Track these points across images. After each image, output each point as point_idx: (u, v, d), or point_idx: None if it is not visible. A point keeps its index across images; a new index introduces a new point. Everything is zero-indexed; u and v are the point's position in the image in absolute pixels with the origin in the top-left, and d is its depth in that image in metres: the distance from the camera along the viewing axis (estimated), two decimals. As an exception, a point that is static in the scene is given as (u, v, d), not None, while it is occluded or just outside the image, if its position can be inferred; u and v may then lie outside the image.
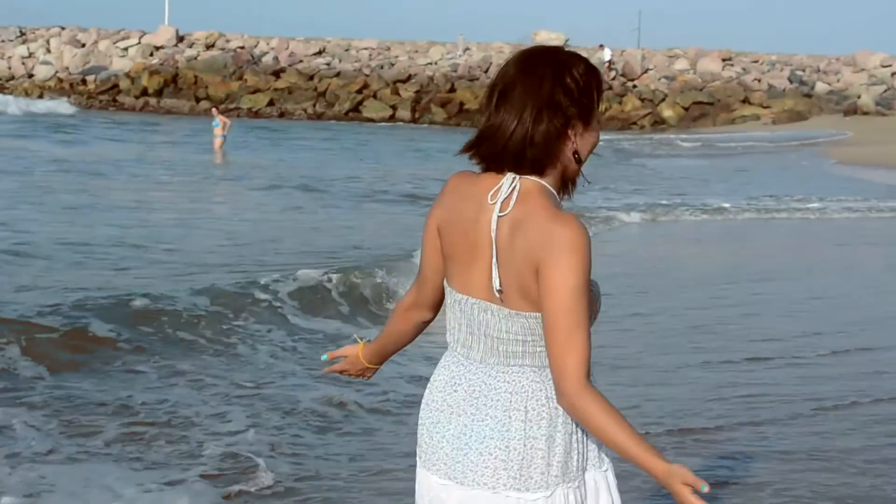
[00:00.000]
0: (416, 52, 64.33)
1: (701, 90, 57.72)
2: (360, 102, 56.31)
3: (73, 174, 24.26)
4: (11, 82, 61.99)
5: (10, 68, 63.33)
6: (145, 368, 8.70)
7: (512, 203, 2.92)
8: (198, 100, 56.17)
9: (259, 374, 8.68)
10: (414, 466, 3.17)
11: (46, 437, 7.00)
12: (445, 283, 3.10)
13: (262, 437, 7.13)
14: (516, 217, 2.91)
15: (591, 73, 2.99)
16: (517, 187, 2.92)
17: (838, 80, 61.91)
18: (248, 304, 10.65)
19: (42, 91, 59.22)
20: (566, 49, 3.03)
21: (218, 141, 32.67)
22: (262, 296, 10.88)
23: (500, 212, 2.92)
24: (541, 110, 2.90)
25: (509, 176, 2.94)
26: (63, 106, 51.36)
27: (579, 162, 2.97)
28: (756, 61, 65.76)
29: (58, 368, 8.53)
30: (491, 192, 2.94)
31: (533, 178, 2.93)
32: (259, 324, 10.22)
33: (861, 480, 6.42)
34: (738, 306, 11.90)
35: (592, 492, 3.05)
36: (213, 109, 35.72)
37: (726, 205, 22.09)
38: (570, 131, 2.93)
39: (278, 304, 10.79)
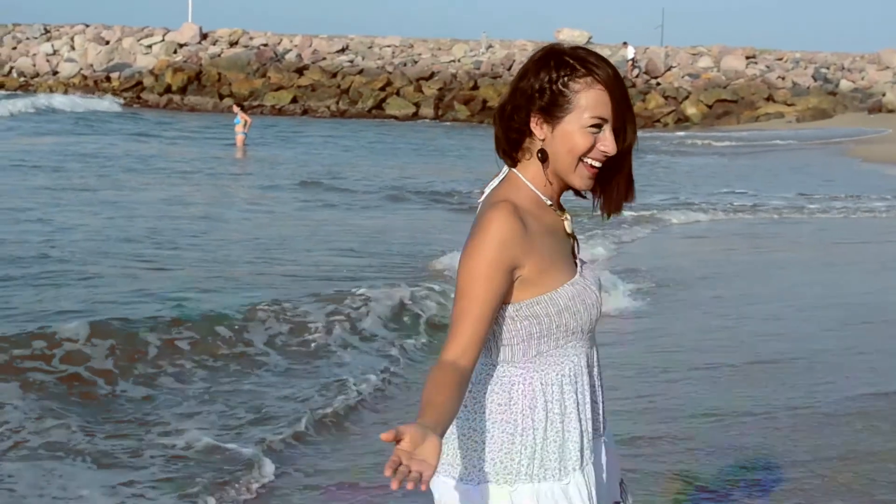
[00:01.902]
0: (440, 49, 64.31)
1: (725, 88, 57.54)
2: (384, 100, 56.34)
3: (111, 170, 24.53)
4: (36, 79, 62.28)
5: (34, 65, 63.62)
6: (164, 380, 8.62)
7: (487, 190, 3.08)
8: (221, 97, 56.30)
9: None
10: None
11: (13, 434, 7.05)
12: None
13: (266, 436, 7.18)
14: (482, 203, 3.07)
15: (559, 77, 2.96)
16: (502, 177, 3.08)
17: (863, 78, 61.63)
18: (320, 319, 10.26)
19: (66, 88, 59.49)
20: (566, 49, 3.01)
21: (240, 138, 32.83)
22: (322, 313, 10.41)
23: (481, 199, 3.09)
24: (503, 108, 3.05)
25: (504, 168, 3.09)
26: (111, 104, 51.72)
27: (543, 161, 3.01)
28: (780, 59, 65.53)
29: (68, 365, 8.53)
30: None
31: (516, 169, 3.06)
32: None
33: None
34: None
35: (549, 502, 2.99)
36: (235, 107, 35.88)
37: (749, 203, 22.02)
38: (533, 129, 3.01)
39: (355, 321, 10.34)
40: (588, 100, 2.94)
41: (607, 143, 2.97)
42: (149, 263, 13.03)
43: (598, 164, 2.99)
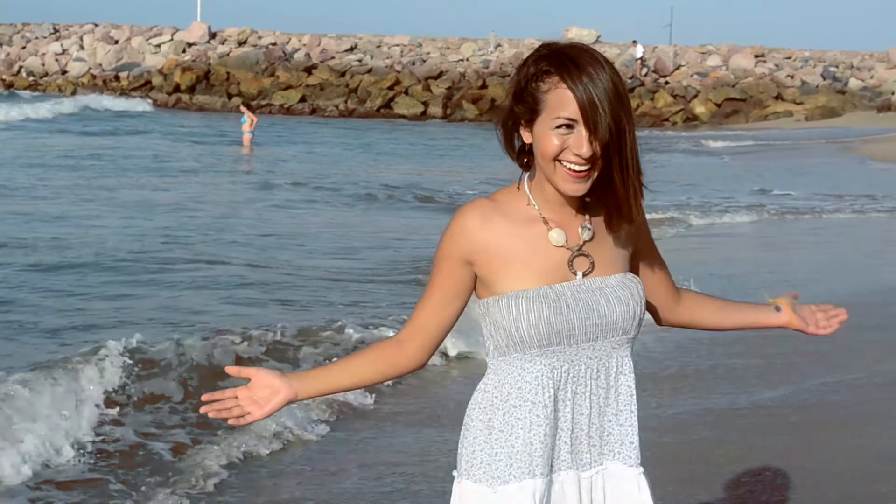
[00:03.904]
0: (448, 48, 64.33)
1: (733, 86, 57.48)
2: (392, 99, 56.36)
3: (121, 169, 24.63)
4: (45, 79, 62.42)
5: (43, 65, 63.75)
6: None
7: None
8: (230, 96, 56.34)
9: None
10: None
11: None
12: None
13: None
14: None
15: (533, 76, 2.87)
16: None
17: (872, 77, 61.54)
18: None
19: (76, 88, 59.60)
20: (554, 47, 2.89)
21: (247, 137, 33.00)
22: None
23: None
24: (501, 114, 2.99)
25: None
26: (142, 104, 51.96)
27: (527, 167, 2.97)
28: (789, 57, 65.46)
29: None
30: None
31: (527, 173, 3.00)
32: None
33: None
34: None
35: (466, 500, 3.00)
36: (242, 106, 36.09)
37: (764, 203, 21.95)
38: (521, 131, 2.94)
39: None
40: (555, 100, 2.83)
41: (577, 144, 2.82)
42: (148, 266, 13.02)
43: (578, 168, 2.84)
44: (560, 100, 2.82)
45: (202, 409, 2.98)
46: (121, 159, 27.22)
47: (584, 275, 2.96)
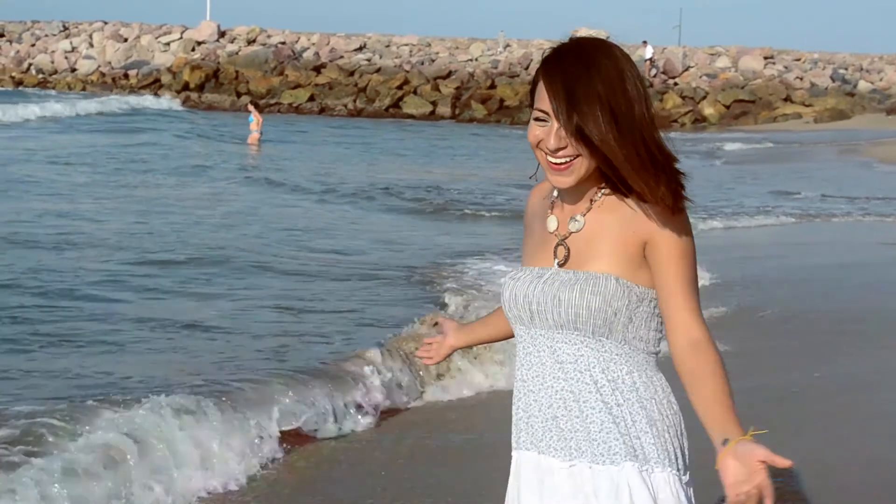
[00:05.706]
0: (457, 48, 64.32)
1: (742, 88, 57.39)
2: (401, 98, 56.32)
3: (127, 168, 24.60)
4: (55, 76, 62.49)
5: (52, 62, 63.84)
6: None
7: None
8: (239, 95, 56.33)
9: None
10: None
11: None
12: None
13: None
14: None
15: (538, 69, 2.96)
16: None
17: (881, 79, 61.48)
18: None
19: (84, 85, 59.69)
20: (570, 38, 2.98)
21: (254, 136, 33.07)
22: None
23: None
24: None
25: None
26: (171, 103, 52.05)
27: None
28: (798, 59, 65.39)
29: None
30: None
31: None
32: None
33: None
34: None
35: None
36: (249, 105, 36.17)
37: (769, 206, 21.92)
38: None
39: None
40: (538, 92, 2.93)
41: (546, 136, 2.90)
42: (142, 266, 13.02)
43: (556, 160, 2.90)
44: (539, 92, 2.93)
45: (418, 349, 3.67)
46: (133, 157, 27.24)
47: (560, 265, 3.02)
